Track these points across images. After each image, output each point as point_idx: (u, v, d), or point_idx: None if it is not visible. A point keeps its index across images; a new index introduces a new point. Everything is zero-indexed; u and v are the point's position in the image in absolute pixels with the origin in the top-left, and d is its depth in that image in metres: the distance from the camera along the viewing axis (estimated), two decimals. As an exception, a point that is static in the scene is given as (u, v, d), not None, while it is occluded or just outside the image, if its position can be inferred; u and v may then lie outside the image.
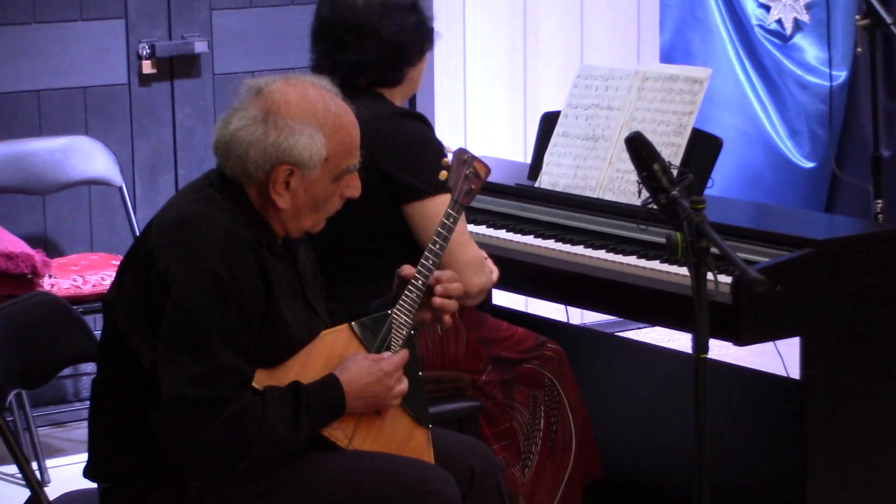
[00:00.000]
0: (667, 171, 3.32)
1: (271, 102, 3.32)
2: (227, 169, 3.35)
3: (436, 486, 3.34)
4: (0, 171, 5.60)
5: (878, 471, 4.13)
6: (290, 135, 3.30)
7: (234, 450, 3.22)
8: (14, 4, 5.68)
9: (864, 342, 4.05)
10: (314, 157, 3.32)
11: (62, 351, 3.68)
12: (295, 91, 3.35)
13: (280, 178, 3.32)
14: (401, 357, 3.44)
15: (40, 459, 5.23)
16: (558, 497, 4.25)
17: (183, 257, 3.23)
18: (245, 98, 3.36)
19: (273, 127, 3.30)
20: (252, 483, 3.31)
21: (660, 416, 4.59)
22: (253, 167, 3.32)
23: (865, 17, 4.73)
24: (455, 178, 3.62)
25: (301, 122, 3.31)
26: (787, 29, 6.97)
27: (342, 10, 4.11)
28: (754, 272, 3.24)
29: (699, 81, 4.33)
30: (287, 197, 3.34)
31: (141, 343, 3.26)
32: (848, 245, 4.01)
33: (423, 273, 3.53)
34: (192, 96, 6.01)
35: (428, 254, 3.55)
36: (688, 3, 7.08)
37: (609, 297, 4.19)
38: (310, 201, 3.37)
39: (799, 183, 7.05)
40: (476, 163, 3.64)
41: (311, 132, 3.32)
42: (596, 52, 6.60)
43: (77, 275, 5.39)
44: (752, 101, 7.07)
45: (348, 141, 3.38)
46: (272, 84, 3.36)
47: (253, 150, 3.31)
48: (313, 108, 3.34)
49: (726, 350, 3.94)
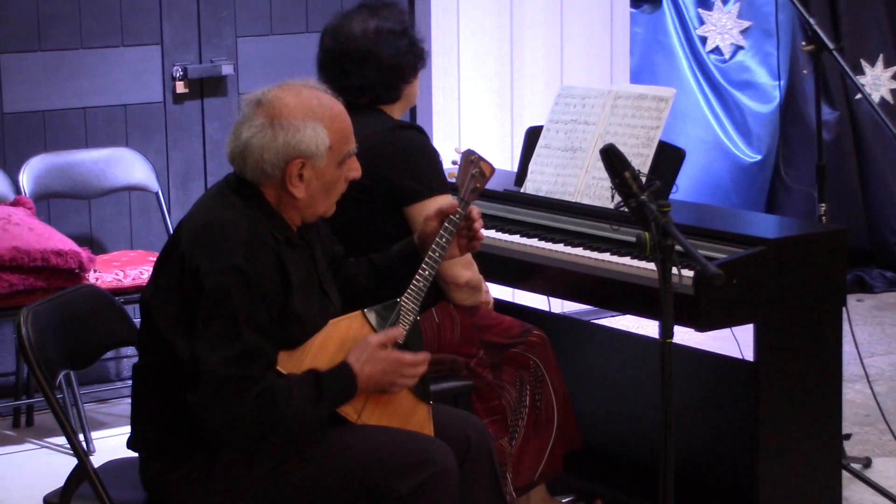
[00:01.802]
0: (636, 178, 3.31)
1: (272, 108, 3.32)
2: (247, 174, 3.35)
3: (435, 455, 3.34)
4: (51, 179, 5.60)
5: (820, 439, 4.12)
6: (296, 132, 3.31)
7: (263, 424, 3.22)
8: (63, 32, 5.67)
9: (808, 328, 4.04)
10: (320, 146, 3.32)
11: (105, 336, 3.67)
12: (290, 94, 3.35)
13: (294, 171, 3.32)
14: (412, 357, 3.43)
15: (86, 432, 5.22)
16: (542, 465, 4.25)
17: (211, 257, 3.23)
18: (247, 110, 3.35)
19: (280, 129, 3.30)
20: (274, 453, 3.31)
21: (631, 393, 4.59)
22: (269, 167, 3.32)
23: (811, 43, 4.73)
24: (462, 177, 3.61)
25: (302, 120, 3.32)
26: (725, 53, 7.00)
27: (343, 40, 4.11)
28: (713, 267, 3.24)
29: (665, 100, 4.32)
30: (302, 187, 3.34)
31: (177, 336, 3.26)
32: (795, 244, 4.01)
33: (429, 265, 3.53)
34: (219, 113, 6.01)
35: (435, 247, 3.54)
36: (652, 29, 7.12)
37: (586, 289, 4.18)
38: (321, 188, 3.37)
39: (747, 178, 7.08)
40: (482, 163, 3.63)
41: (313, 126, 3.32)
42: (574, 74, 6.59)
43: (118, 269, 5.38)
44: (708, 114, 7.09)
45: (344, 128, 3.39)
46: (269, 93, 3.36)
47: (267, 152, 3.31)
48: (309, 105, 3.34)
49: (689, 335, 3.94)
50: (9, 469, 5.13)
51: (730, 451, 4.29)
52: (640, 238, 3.25)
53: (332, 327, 3.41)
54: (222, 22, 5.96)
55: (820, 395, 4.09)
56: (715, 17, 7.06)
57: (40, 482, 3.99)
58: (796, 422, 4.05)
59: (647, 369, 4.43)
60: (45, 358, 3.39)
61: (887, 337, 6.49)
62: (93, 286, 3.93)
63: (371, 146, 3.56)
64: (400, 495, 3.28)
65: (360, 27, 4.10)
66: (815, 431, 4.10)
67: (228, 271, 3.21)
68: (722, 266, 3.70)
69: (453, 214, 3.56)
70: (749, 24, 7.03)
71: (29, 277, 5.03)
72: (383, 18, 4.13)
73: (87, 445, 5.17)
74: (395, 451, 3.33)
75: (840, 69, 4.76)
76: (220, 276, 3.20)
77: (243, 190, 3.36)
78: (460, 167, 3.63)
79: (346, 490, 3.31)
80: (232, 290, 3.20)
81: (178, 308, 3.26)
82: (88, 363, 3.65)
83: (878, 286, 7.18)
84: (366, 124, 3.68)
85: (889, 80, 7.22)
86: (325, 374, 3.31)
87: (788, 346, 4.01)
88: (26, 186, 5.52)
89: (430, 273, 3.52)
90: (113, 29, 5.77)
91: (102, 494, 3.36)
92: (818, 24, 4.74)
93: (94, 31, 5.73)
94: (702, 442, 4.34)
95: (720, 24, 7.05)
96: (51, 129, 5.71)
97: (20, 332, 3.37)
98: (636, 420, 4.56)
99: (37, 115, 5.69)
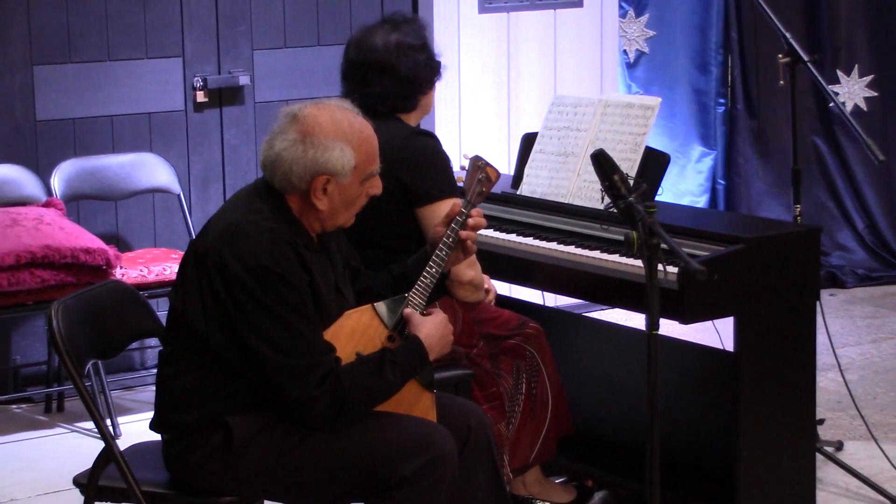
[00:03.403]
0: (625, 181, 3.31)
1: (306, 125, 3.32)
2: (275, 182, 3.36)
3: (436, 440, 3.34)
4: (80, 182, 5.60)
5: (795, 424, 4.11)
6: (325, 151, 3.31)
7: (334, 401, 3.24)
8: (92, 46, 5.67)
9: (784, 321, 4.04)
10: (346, 166, 3.32)
11: (130, 328, 3.67)
12: (324, 114, 3.35)
13: (319, 186, 3.33)
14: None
15: (113, 417, 5.22)
16: (536, 448, 4.24)
17: (240, 257, 3.24)
18: (283, 122, 3.36)
19: (310, 146, 3.31)
20: (285, 434, 3.31)
21: (620, 381, 4.58)
22: (297, 180, 3.32)
23: (787, 56, 4.71)
24: (469, 181, 3.60)
25: (332, 140, 3.32)
26: (630, 57, 7.01)
27: (366, 52, 4.11)
28: (696, 264, 3.23)
29: (651, 108, 4.31)
30: (325, 201, 3.34)
31: (209, 325, 3.28)
32: (772, 242, 4.00)
33: (436, 262, 3.53)
34: (237, 120, 6.00)
35: (442, 245, 3.54)
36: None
37: (578, 284, 4.17)
38: (343, 202, 3.38)
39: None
40: (489, 168, 3.62)
41: (342, 147, 3.32)
42: (567, 85, 6.59)
43: (143, 266, 5.38)
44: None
45: (371, 150, 3.39)
46: (305, 109, 3.36)
47: (296, 166, 3.31)
48: (341, 126, 3.34)
49: (673, 327, 3.92)
50: (41, 452, 5.13)
51: (711, 435, 4.28)
52: (628, 237, 3.24)
53: (343, 319, 3.42)
54: (239, 36, 5.96)
55: (795, 383, 4.08)
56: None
57: (70, 464, 3.99)
58: (773, 408, 4.04)
59: (635, 359, 4.42)
60: (74, 348, 3.39)
61: (858, 329, 6.49)
62: (119, 282, 3.93)
63: (388, 151, 3.56)
64: (403, 476, 3.27)
65: (382, 40, 4.09)
66: (791, 417, 4.09)
67: (257, 270, 3.22)
68: (704, 263, 3.69)
69: (459, 215, 3.56)
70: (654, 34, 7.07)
71: (60, 273, 5.02)
72: (404, 33, 4.12)
73: (113, 430, 5.16)
74: (399, 436, 3.33)
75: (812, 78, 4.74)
76: (249, 275, 3.21)
77: (269, 196, 3.37)
78: (468, 171, 3.63)
79: (354, 470, 3.31)
80: (264, 287, 3.22)
81: (207, 301, 3.27)
82: (115, 353, 3.65)
83: (850, 282, 7.17)
84: (384, 130, 3.68)
85: (863, 88, 7.20)
86: (393, 350, 3.37)
87: (766, 338, 4.00)
88: (57, 189, 5.51)
89: (436, 270, 3.52)
90: (138, 42, 5.76)
91: (128, 475, 3.36)
92: (793, 37, 4.73)
93: (121, 44, 5.73)
94: (685, 427, 4.33)
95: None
96: (80, 136, 5.70)
97: (51, 324, 3.36)
98: (624, 406, 4.55)
99: (67, 122, 5.68)
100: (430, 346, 3.44)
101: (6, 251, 4.93)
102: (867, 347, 6.21)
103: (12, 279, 4.94)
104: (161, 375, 3.43)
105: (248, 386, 3.32)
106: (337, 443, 3.31)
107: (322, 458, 3.31)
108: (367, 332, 3.43)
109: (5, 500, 4.68)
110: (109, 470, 3.39)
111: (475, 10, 6.40)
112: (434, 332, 3.46)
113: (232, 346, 3.28)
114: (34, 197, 5.42)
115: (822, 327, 4.30)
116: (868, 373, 5.86)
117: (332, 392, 3.25)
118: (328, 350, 3.30)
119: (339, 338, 3.37)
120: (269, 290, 3.22)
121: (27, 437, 5.26)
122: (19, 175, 5.44)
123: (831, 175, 7.30)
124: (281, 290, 3.23)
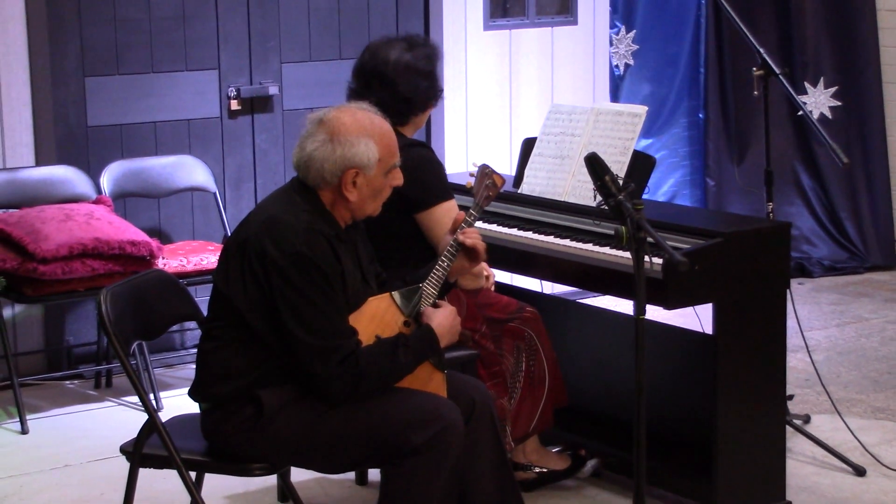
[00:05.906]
0: (615, 181, 3.30)
1: (332, 127, 3.35)
2: (309, 180, 3.38)
3: (444, 412, 3.34)
4: (126, 181, 5.59)
5: (767, 399, 4.10)
6: (351, 147, 3.33)
7: (351, 380, 3.25)
8: (136, 59, 5.66)
9: (758, 307, 4.02)
10: (371, 159, 3.35)
11: (171, 312, 3.67)
12: (346, 115, 3.38)
13: (349, 179, 3.35)
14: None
15: (156, 392, 5.22)
16: (535, 420, 4.24)
17: (278, 245, 3.26)
18: (311, 127, 3.39)
19: (338, 144, 3.33)
20: (310, 406, 3.31)
21: (610, 361, 4.58)
22: (329, 175, 3.35)
23: (761, 69, 4.70)
24: (478, 186, 3.62)
25: (357, 136, 3.34)
26: (620, 70, 6.98)
27: (377, 61, 4.09)
28: (679, 256, 3.23)
29: (638, 115, 4.30)
30: (355, 192, 3.37)
31: (248, 305, 3.29)
32: (747, 236, 3.99)
33: (447, 257, 3.54)
34: (266, 126, 6.00)
35: (453, 242, 3.55)
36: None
37: (573, 273, 4.17)
38: (371, 193, 3.40)
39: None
40: (495, 175, 3.64)
41: (366, 142, 3.34)
42: (563, 94, 6.58)
43: (183, 257, 5.38)
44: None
45: (391, 144, 3.41)
46: (329, 113, 3.39)
47: (327, 163, 3.34)
48: (363, 124, 3.36)
49: (658, 313, 3.91)
50: (92, 423, 5.13)
51: (692, 409, 4.27)
52: (617, 231, 3.23)
53: (365, 304, 3.43)
54: (269, 50, 5.95)
55: (768, 363, 4.07)
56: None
57: (117, 434, 3.98)
58: (748, 385, 4.03)
59: (624, 341, 4.41)
60: (121, 330, 3.39)
61: (824, 314, 6.47)
62: (161, 271, 3.92)
63: None
64: (415, 445, 3.28)
65: (395, 56, 4.06)
66: (764, 393, 4.08)
67: (293, 256, 3.23)
68: (686, 255, 3.68)
69: (468, 216, 3.57)
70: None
71: (108, 263, 5.02)
72: (416, 57, 4.07)
73: (156, 403, 5.16)
74: (411, 409, 3.33)
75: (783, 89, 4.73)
76: (286, 261, 3.23)
77: (304, 192, 3.39)
78: (476, 178, 3.64)
79: (371, 440, 3.31)
80: (300, 272, 3.23)
81: (248, 283, 3.29)
82: (157, 334, 3.65)
83: (817, 272, 7.16)
84: None
85: (828, 98, 7.18)
86: (406, 336, 3.38)
87: (742, 322, 3.99)
88: (106, 187, 5.51)
89: (448, 264, 3.54)
90: (178, 56, 5.76)
91: (169, 444, 3.37)
92: (766, 52, 4.71)
93: (163, 58, 5.72)
94: (669, 402, 4.32)
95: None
96: (126, 140, 5.70)
97: (101, 308, 3.37)
98: (614, 383, 4.55)
99: (115, 128, 5.68)
100: (440, 335, 3.44)
101: (60, 243, 4.93)
102: (832, 331, 6.19)
103: (66, 268, 4.94)
104: (202, 350, 3.44)
105: (279, 362, 3.32)
106: (356, 415, 3.31)
107: (342, 428, 3.31)
108: (385, 318, 3.44)
109: (60, 465, 4.70)
110: (152, 439, 3.41)
111: (480, 28, 6.41)
112: (444, 321, 3.46)
113: (267, 324, 3.29)
114: (85, 195, 5.42)
115: (791, 313, 4.29)
116: (833, 354, 5.85)
117: (351, 372, 3.25)
118: (352, 333, 3.30)
119: (361, 321, 3.38)
120: (303, 274, 3.23)
121: (79, 410, 5.26)
122: (72, 175, 5.44)
123: (800, 176, 7.28)
124: (314, 275, 3.24)
